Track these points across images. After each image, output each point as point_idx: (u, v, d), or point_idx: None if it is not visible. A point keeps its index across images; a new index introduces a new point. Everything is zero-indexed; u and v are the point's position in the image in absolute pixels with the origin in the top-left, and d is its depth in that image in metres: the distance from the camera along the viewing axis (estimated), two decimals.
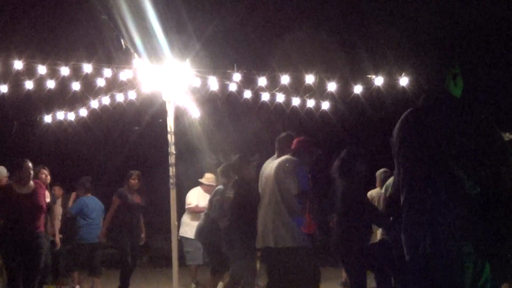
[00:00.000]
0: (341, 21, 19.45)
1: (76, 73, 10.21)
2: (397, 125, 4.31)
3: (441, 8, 17.71)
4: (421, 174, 4.09)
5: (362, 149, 8.06)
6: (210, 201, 9.85)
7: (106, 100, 11.33)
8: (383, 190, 9.80)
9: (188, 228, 12.10)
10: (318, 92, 10.79)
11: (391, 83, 10.35)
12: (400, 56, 16.62)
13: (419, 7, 18.13)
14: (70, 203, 12.04)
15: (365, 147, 8.80)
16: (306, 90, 10.81)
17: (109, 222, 11.20)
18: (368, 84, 10.43)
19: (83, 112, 11.67)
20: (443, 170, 3.99)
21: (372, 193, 10.70)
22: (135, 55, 10.00)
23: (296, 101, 11.17)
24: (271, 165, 7.56)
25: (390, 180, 9.13)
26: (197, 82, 10.58)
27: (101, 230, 11.40)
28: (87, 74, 10.18)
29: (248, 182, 8.40)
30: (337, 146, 10.03)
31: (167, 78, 10.29)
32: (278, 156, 8.06)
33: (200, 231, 10.03)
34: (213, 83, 10.47)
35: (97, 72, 10.27)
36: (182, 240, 11.98)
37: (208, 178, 12.55)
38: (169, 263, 11.09)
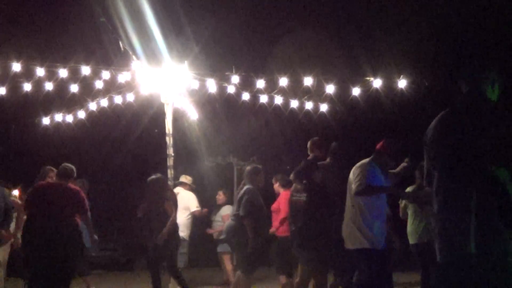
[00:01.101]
0: (339, 23, 19.48)
1: (75, 75, 10.21)
2: (435, 125, 4.37)
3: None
4: (460, 174, 4.15)
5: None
6: (240, 200, 9.86)
7: (104, 102, 11.32)
8: None
9: (185, 229, 12.10)
10: (317, 94, 10.79)
11: (390, 85, 10.36)
12: (398, 58, 16.64)
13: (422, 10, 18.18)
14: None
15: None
16: (305, 92, 10.82)
17: None
18: (366, 86, 10.43)
19: (81, 114, 11.66)
20: (481, 168, 4.06)
21: None
22: (134, 57, 10.00)
23: (294, 103, 11.16)
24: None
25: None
26: (196, 84, 10.58)
27: None
28: (85, 76, 10.18)
29: (319, 185, 8.58)
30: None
31: (165, 80, 10.29)
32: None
33: (231, 231, 10.00)
34: (212, 85, 10.48)
35: (96, 74, 10.27)
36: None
37: (189, 179, 12.59)
38: None
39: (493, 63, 4.47)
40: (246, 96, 10.98)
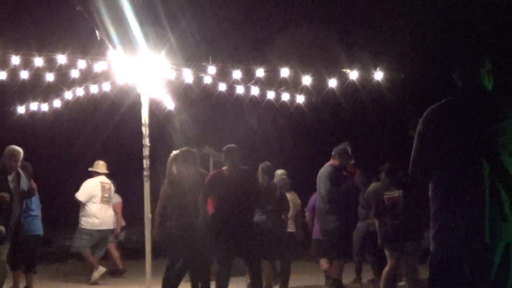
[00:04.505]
0: (316, 15, 19.53)
1: (50, 64, 10.14)
2: (430, 115, 4.40)
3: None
4: (470, 165, 4.18)
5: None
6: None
7: (80, 92, 11.27)
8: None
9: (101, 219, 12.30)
10: (293, 85, 10.82)
11: (366, 77, 10.41)
12: (375, 50, 16.72)
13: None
14: None
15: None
16: (281, 84, 10.84)
17: None
18: (343, 78, 10.48)
19: (57, 104, 11.61)
20: (491, 156, 4.14)
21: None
22: (110, 46, 9.95)
23: (271, 95, 11.18)
24: None
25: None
26: (172, 75, 10.57)
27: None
28: (61, 65, 10.11)
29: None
30: (311, 139, 10.11)
31: (142, 70, 10.26)
32: None
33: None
34: (188, 76, 10.47)
35: (72, 63, 10.20)
36: (91, 232, 12.16)
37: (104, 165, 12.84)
38: (141, 255, 11.06)
39: (486, 54, 4.52)
40: (222, 86, 10.99)
